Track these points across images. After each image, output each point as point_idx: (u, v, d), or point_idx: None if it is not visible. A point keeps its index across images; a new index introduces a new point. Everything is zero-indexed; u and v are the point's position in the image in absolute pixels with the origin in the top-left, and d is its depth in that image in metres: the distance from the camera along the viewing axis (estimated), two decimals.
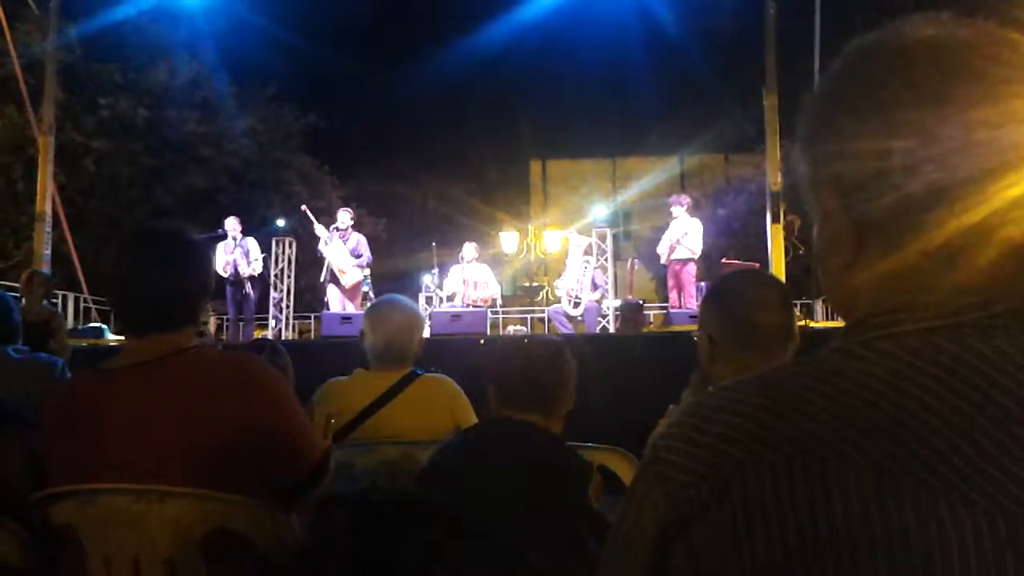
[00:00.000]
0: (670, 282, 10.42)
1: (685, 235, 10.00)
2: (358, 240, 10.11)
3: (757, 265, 10.34)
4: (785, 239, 10.55)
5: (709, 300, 1.90)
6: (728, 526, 0.58)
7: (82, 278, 12.66)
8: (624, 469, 2.30)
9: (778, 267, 10.40)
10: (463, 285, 10.50)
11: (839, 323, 0.71)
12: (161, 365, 1.73)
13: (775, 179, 10.85)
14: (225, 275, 10.43)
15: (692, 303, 9.83)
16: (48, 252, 11.00)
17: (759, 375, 0.65)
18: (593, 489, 1.86)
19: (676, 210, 10.23)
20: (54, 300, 12.48)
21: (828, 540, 0.55)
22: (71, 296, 14.39)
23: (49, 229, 11.09)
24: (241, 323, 10.61)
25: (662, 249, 10.28)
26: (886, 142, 0.62)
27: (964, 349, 0.59)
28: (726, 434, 0.61)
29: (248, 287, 10.55)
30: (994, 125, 0.60)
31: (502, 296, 11.94)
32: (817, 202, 0.70)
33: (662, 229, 10.59)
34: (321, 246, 10.10)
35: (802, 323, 8.83)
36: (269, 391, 1.79)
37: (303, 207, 11.51)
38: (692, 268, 10.14)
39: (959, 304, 0.61)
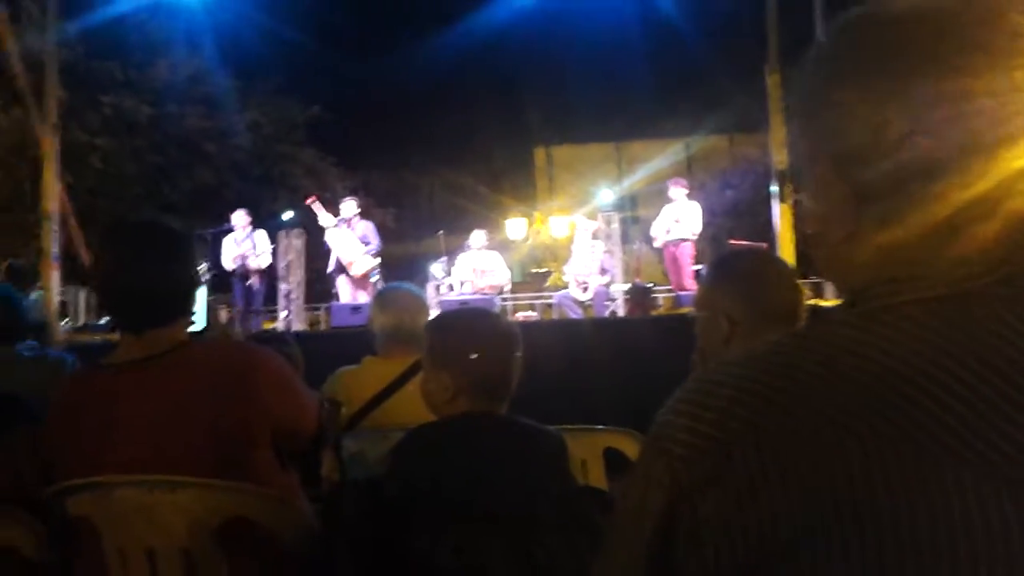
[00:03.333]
0: (668, 263, 10.38)
1: (685, 215, 9.95)
2: (366, 228, 10.06)
3: (765, 246, 10.29)
4: (794, 218, 10.49)
5: (724, 280, 1.86)
6: (732, 500, 0.58)
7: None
8: (635, 450, 2.31)
9: (787, 246, 10.34)
10: (472, 273, 10.50)
11: None
12: (165, 360, 1.74)
13: (781, 158, 10.77)
14: (233, 267, 10.43)
15: (690, 284, 9.78)
16: (56, 250, 11.02)
17: (760, 349, 0.65)
18: (586, 468, 1.85)
19: (675, 191, 10.17)
20: (64, 297, 12.53)
21: (832, 511, 0.55)
22: (82, 292, 14.43)
23: (56, 228, 11.10)
24: (251, 315, 10.63)
25: (656, 232, 10.24)
26: (883, 113, 0.62)
27: (966, 318, 0.59)
28: (728, 408, 0.61)
29: (255, 279, 10.56)
30: (995, 94, 0.60)
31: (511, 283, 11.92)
32: (815, 175, 0.70)
33: None
34: (328, 238, 10.07)
35: (812, 301, 8.79)
36: (269, 377, 1.80)
37: (312, 198, 11.50)
38: (688, 247, 10.05)
39: (961, 273, 0.61)
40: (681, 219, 9.97)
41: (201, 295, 2.03)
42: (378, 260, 10.08)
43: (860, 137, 0.64)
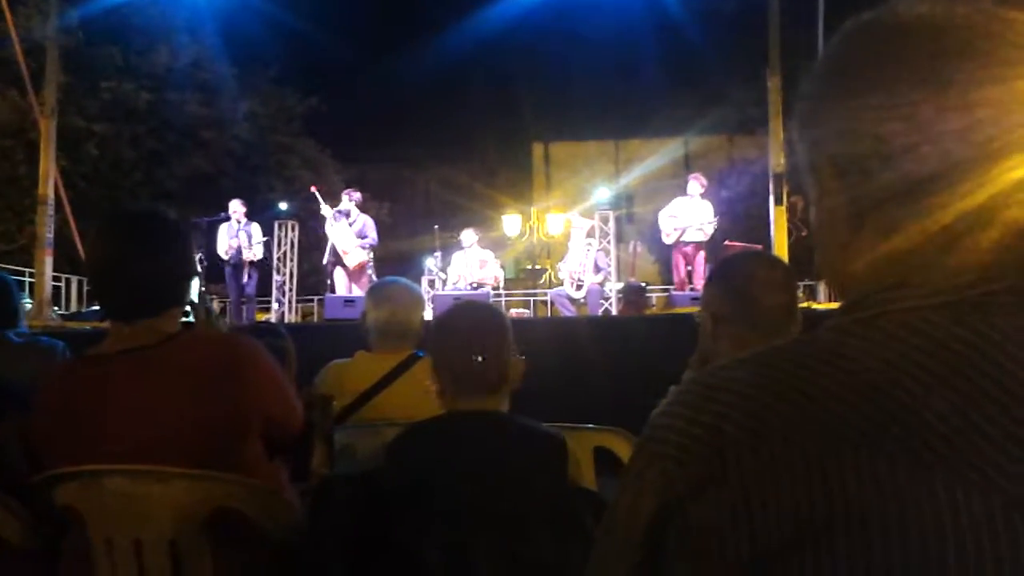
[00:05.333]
0: (680, 261, 10.30)
1: (709, 222, 9.95)
2: (364, 222, 10.09)
3: (760, 247, 10.32)
4: (788, 220, 10.53)
5: (714, 279, 1.91)
6: (725, 505, 0.58)
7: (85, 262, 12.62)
8: (625, 450, 2.31)
9: (781, 248, 10.38)
10: (466, 267, 10.54)
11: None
12: (154, 351, 1.74)
13: (778, 160, 10.81)
14: (226, 258, 10.44)
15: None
16: (51, 236, 11.01)
17: (756, 354, 0.64)
18: (581, 469, 1.84)
19: (692, 186, 10.11)
20: (56, 284, 12.52)
21: (824, 519, 0.55)
22: (74, 279, 14.42)
23: (52, 213, 11.09)
24: (243, 305, 10.63)
25: (668, 228, 10.14)
26: (886, 122, 0.62)
27: (961, 327, 0.59)
28: (723, 413, 0.61)
29: (249, 270, 10.56)
30: (998, 105, 0.60)
31: (504, 279, 11.95)
32: (815, 183, 0.70)
33: None
34: (327, 227, 10.10)
35: (805, 304, 8.83)
36: (258, 370, 1.81)
37: (312, 188, 11.52)
38: (704, 253, 10.09)
39: (957, 282, 0.61)
40: (695, 220, 9.93)
41: (193, 285, 2.01)
42: (371, 254, 10.09)
43: (861, 146, 0.64)
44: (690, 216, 10.03)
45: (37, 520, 1.74)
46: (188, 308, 2.00)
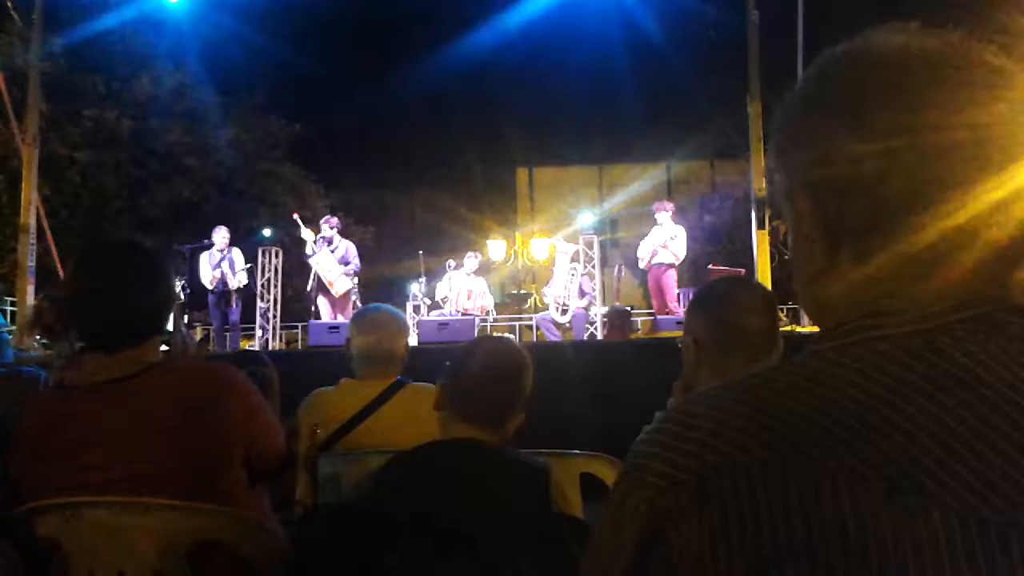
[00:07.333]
0: (651, 287, 10.39)
1: (672, 238, 9.99)
2: (347, 248, 10.06)
3: (743, 271, 10.38)
4: (771, 244, 10.59)
5: (696, 304, 1.92)
6: (707, 532, 0.58)
7: None
8: (611, 476, 2.30)
9: (764, 272, 10.43)
10: (452, 292, 10.53)
11: None
12: (135, 381, 1.73)
13: (760, 185, 10.89)
14: (211, 287, 10.37)
15: (676, 308, 9.82)
16: (33, 264, 10.93)
17: (737, 381, 0.65)
18: (567, 495, 1.84)
19: (661, 216, 10.21)
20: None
21: (804, 545, 0.55)
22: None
23: (33, 241, 11.02)
24: (227, 333, 10.55)
25: (643, 253, 10.28)
26: (862, 146, 0.63)
27: (937, 355, 0.59)
28: (704, 440, 0.61)
29: (234, 298, 10.50)
30: (977, 128, 0.61)
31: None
32: (792, 209, 0.70)
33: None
34: (308, 253, 10.06)
35: (788, 328, 8.87)
36: (239, 399, 1.81)
37: (294, 215, 11.50)
38: (673, 273, 10.07)
39: (934, 309, 0.61)
40: (668, 244, 9.99)
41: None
42: (355, 280, 10.06)
43: (837, 172, 0.64)
44: (659, 240, 10.08)
45: (18, 553, 1.72)
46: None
